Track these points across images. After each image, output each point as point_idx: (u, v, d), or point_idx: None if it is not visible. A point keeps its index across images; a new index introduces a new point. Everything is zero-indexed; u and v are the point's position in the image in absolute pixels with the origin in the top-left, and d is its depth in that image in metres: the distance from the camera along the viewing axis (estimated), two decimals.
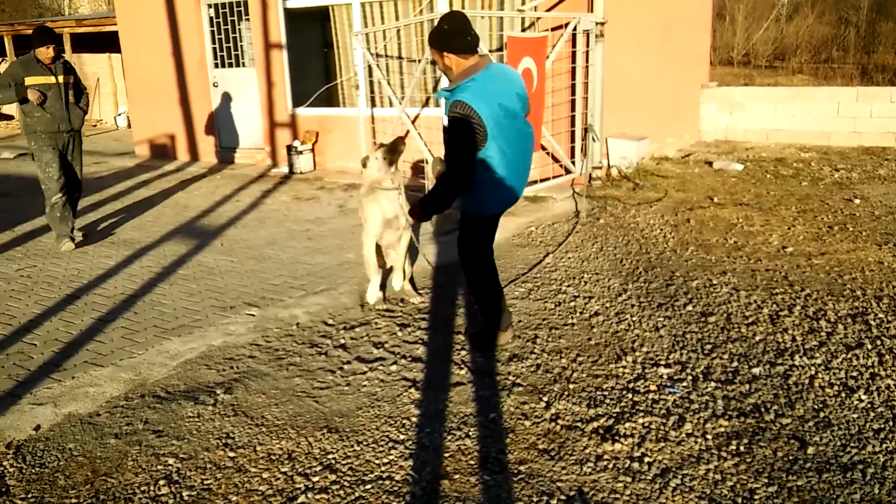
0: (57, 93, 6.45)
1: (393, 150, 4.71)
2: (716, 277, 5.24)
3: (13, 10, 32.19)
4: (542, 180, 8.15)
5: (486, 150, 3.68)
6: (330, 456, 3.20)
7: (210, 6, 11.06)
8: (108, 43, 16.23)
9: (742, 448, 3.13)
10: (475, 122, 3.57)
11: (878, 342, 4.10)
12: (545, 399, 3.61)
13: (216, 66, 11.22)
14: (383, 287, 5.08)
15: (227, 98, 11.28)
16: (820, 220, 6.71)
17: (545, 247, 6.20)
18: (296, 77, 10.65)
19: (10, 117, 19.32)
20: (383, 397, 3.71)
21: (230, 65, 11.13)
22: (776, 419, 3.35)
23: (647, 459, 3.08)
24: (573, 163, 8.46)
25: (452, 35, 3.70)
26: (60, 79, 6.48)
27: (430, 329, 4.54)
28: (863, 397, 3.51)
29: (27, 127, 6.47)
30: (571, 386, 3.74)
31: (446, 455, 3.17)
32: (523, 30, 8.53)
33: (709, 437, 3.23)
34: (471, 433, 3.34)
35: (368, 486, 2.97)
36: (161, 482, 3.04)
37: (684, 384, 3.72)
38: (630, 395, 3.62)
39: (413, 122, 8.84)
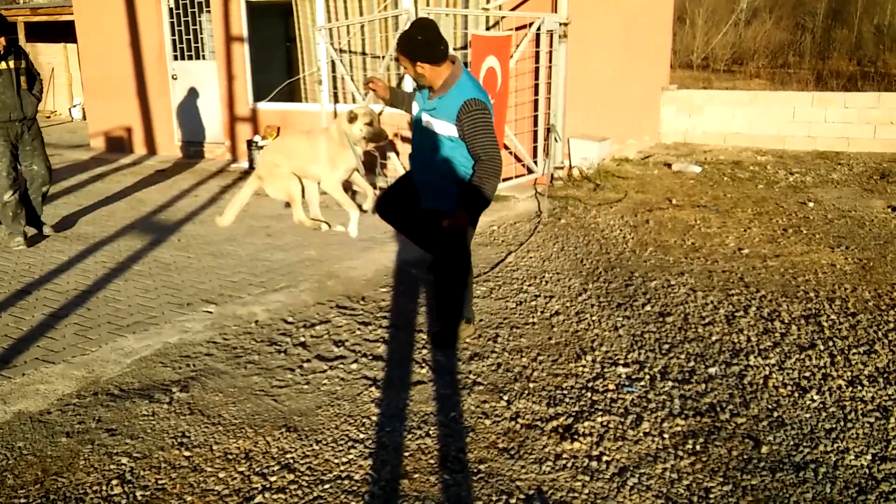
0: (8, 79, 6.14)
1: (375, 135, 5.38)
2: (674, 278, 5.31)
3: None
4: (504, 180, 8.17)
5: None
6: (288, 455, 3.16)
7: None
8: (63, 32, 15.83)
9: (698, 447, 3.18)
10: (489, 113, 3.81)
11: (831, 343, 4.20)
12: (505, 398, 3.62)
13: (175, 58, 11.03)
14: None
15: (186, 91, 11.09)
16: (775, 223, 6.85)
17: (507, 246, 6.23)
18: (257, 71, 10.52)
19: None
20: (343, 396, 3.68)
21: (190, 57, 10.95)
22: (731, 418, 3.40)
23: (605, 458, 3.11)
24: (535, 162, 8.51)
25: (428, 46, 3.78)
26: (11, 64, 6.18)
27: (392, 327, 4.52)
28: (815, 397, 3.59)
29: None
30: (532, 385, 3.76)
31: (406, 454, 3.16)
32: (487, 28, 8.54)
33: (666, 436, 3.27)
34: (431, 432, 3.33)
35: (327, 486, 2.94)
36: (114, 482, 2.97)
37: (642, 383, 3.76)
38: (589, 394, 3.65)
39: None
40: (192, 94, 11.04)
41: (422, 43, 3.78)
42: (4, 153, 6.21)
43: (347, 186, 6.16)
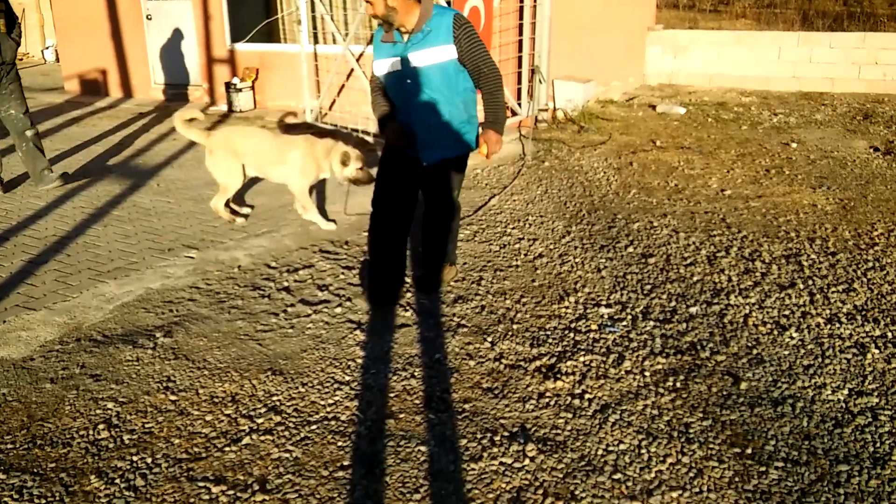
0: None
1: (363, 180, 4.95)
2: (656, 220, 5.33)
3: None
4: None
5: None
6: (274, 398, 3.18)
7: None
8: None
9: (678, 384, 3.23)
10: None
11: (810, 282, 4.25)
12: (489, 339, 3.65)
13: None
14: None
15: (161, 32, 10.79)
16: (758, 164, 6.85)
17: (490, 189, 6.20)
18: (234, 11, 10.24)
19: None
20: (328, 339, 3.69)
21: None
22: (711, 356, 3.46)
23: (587, 396, 3.15)
24: (519, 105, 8.42)
25: None
26: None
27: None
28: (794, 335, 3.64)
29: None
30: (515, 326, 3.79)
31: (391, 395, 3.19)
32: None
33: (647, 374, 3.32)
34: (416, 374, 3.36)
35: (314, 427, 2.97)
36: (100, 426, 2.99)
37: (624, 323, 3.80)
38: (572, 335, 3.69)
39: (357, 59, 8.62)
40: (168, 34, 10.75)
41: None
42: None
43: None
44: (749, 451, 2.77)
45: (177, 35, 10.68)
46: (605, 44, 9.92)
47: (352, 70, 8.73)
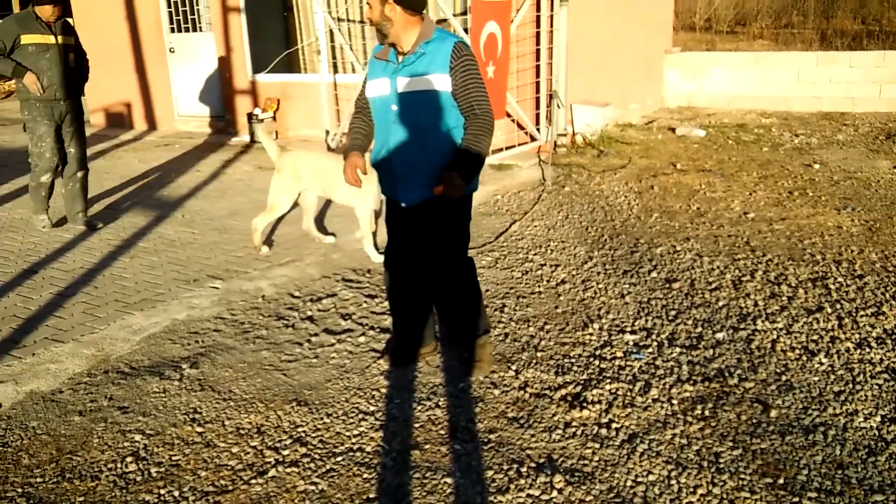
0: (56, 55, 5.71)
1: None
2: (679, 244, 5.30)
3: None
4: (507, 148, 8.13)
5: None
6: (300, 429, 3.18)
7: None
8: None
9: (707, 412, 3.19)
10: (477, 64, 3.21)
11: (838, 306, 4.20)
12: (514, 368, 3.63)
13: (172, 30, 10.90)
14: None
15: (184, 64, 10.98)
16: (780, 186, 6.81)
17: (511, 215, 6.20)
18: (255, 42, 10.40)
19: None
20: (352, 369, 3.69)
21: (187, 29, 10.82)
22: (740, 383, 3.41)
23: (614, 425, 3.12)
24: (538, 130, 8.45)
25: None
26: (60, 39, 5.75)
27: None
28: (823, 360, 3.59)
29: (21, 93, 5.77)
30: (539, 354, 3.77)
31: (416, 425, 3.18)
32: None
33: (674, 402, 3.29)
34: (440, 403, 3.35)
35: (339, 458, 2.97)
36: (128, 459, 3.00)
37: (650, 350, 3.77)
38: (597, 362, 3.66)
39: None
40: (191, 67, 10.94)
41: None
42: (49, 132, 5.83)
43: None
44: (781, 481, 2.72)
45: (199, 67, 10.86)
46: (623, 67, 9.94)
47: None
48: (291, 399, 3.42)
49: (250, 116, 10.00)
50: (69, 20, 5.82)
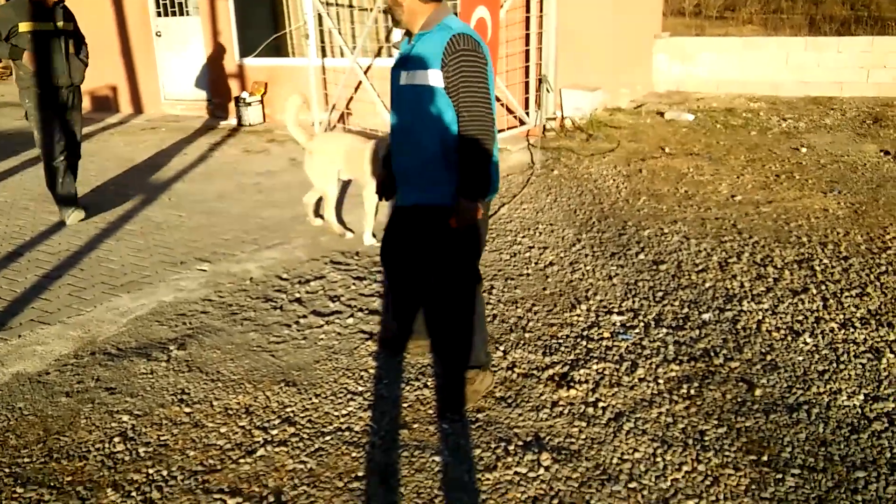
0: (57, 42, 5.56)
1: None
2: (667, 226, 5.32)
3: None
4: (497, 132, 8.09)
5: None
6: (288, 409, 3.19)
7: None
8: None
9: (692, 391, 3.22)
10: (484, 60, 2.87)
11: (823, 287, 4.23)
12: (502, 348, 3.65)
13: (158, 14, 10.80)
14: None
15: (171, 48, 10.89)
16: (768, 169, 6.84)
17: (500, 198, 6.20)
18: (242, 26, 10.31)
19: None
20: (340, 350, 3.70)
21: (173, 13, 10.72)
22: (725, 363, 3.44)
23: (601, 404, 3.14)
24: (527, 114, 8.43)
25: None
26: (60, 25, 5.57)
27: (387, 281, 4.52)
28: (808, 340, 3.63)
29: (21, 81, 5.60)
30: (527, 335, 3.78)
31: (405, 405, 3.19)
32: None
33: (660, 381, 3.31)
34: (429, 383, 3.36)
35: (328, 438, 2.97)
36: (116, 439, 3.00)
37: (637, 331, 3.79)
38: (584, 343, 3.68)
39: (365, 72, 8.66)
40: (177, 51, 10.84)
41: None
42: (53, 118, 5.68)
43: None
44: (765, 458, 2.75)
45: (186, 51, 10.76)
46: (612, 52, 9.93)
47: (360, 83, 8.77)
48: (280, 380, 3.42)
49: (237, 100, 9.93)
50: (65, 4, 5.64)
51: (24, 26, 5.41)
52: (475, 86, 2.84)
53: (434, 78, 2.86)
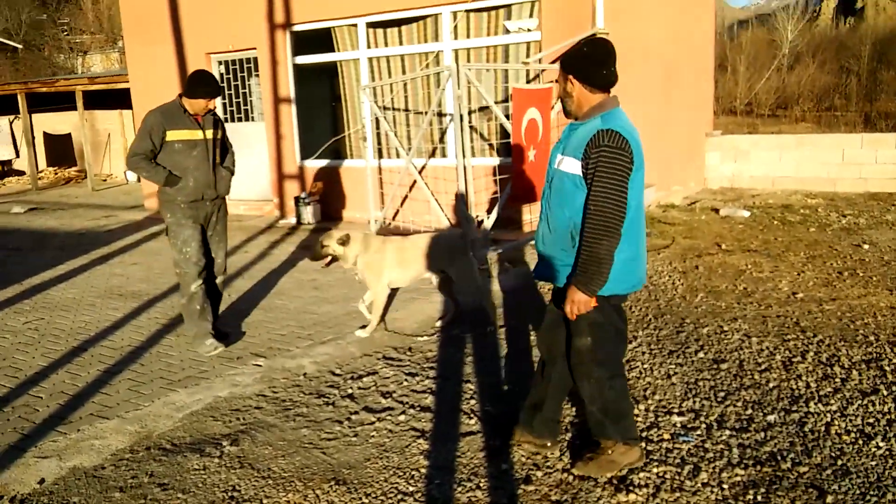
0: (203, 151, 5.04)
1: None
2: (726, 324, 5.19)
3: (27, 69, 32.95)
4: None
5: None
6: None
7: (220, 63, 11.30)
8: (119, 100, 16.53)
9: (759, 497, 3.05)
10: (627, 158, 2.96)
11: (894, 388, 4.03)
12: (558, 449, 3.54)
13: (226, 120, 11.40)
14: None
15: (237, 152, 11.39)
16: (829, 266, 6.67)
17: None
18: (304, 130, 10.81)
19: (21, 173, 19.59)
20: (392, 448, 3.65)
21: (240, 119, 11.32)
22: (793, 467, 3.27)
23: None
24: None
25: (585, 59, 3.09)
26: (209, 134, 5.09)
27: (439, 378, 4.49)
28: (880, 444, 3.43)
29: (163, 194, 5.06)
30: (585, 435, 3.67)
31: None
32: (528, 81, 8.65)
33: (725, 486, 3.15)
34: (482, 484, 3.27)
35: None
36: None
37: (698, 432, 3.65)
38: (644, 444, 3.55)
39: (420, 172, 8.91)
40: (243, 154, 11.34)
41: (583, 55, 3.09)
42: (194, 236, 5.07)
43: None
44: None
45: (251, 154, 11.27)
46: (664, 150, 10.02)
47: (414, 182, 9.00)
48: (330, 478, 3.38)
49: (297, 200, 10.27)
50: (215, 111, 5.21)
51: (172, 135, 4.94)
52: (608, 181, 2.94)
53: (573, 167, 3.05)
